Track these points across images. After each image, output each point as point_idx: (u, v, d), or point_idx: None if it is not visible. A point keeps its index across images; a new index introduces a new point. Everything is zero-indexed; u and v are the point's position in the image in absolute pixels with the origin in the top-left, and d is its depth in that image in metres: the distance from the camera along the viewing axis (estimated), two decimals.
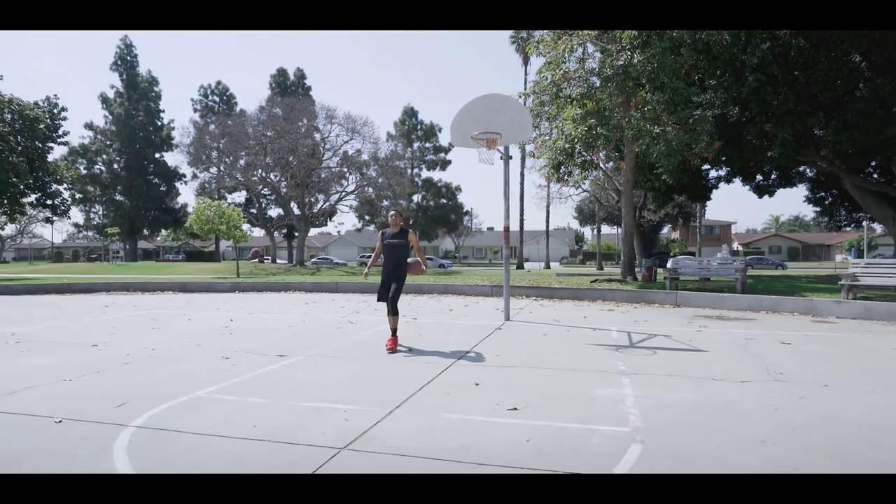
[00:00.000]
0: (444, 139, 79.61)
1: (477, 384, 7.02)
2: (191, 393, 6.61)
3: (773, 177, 30.23)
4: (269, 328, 12.19)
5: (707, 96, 21.91)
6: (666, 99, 19.11)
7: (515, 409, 5.96)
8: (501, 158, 13.63)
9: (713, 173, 30.99)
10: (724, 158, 25.90)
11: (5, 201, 38.37)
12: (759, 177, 30.12)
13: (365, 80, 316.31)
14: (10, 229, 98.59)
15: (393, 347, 9.27)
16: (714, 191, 32.11)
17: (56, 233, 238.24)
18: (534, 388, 6.81)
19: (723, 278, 19.70)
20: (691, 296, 16.82)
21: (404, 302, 17.59)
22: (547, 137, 23.26)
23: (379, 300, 9.75)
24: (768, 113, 21.21)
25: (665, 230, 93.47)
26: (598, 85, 20.58)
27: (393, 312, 9.60)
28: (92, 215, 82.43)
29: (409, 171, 74.79)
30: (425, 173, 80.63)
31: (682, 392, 6.66)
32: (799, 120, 21.41)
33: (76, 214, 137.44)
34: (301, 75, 75.04)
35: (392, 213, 9.73)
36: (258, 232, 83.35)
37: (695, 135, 19.35)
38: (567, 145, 21.50)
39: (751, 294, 17.11)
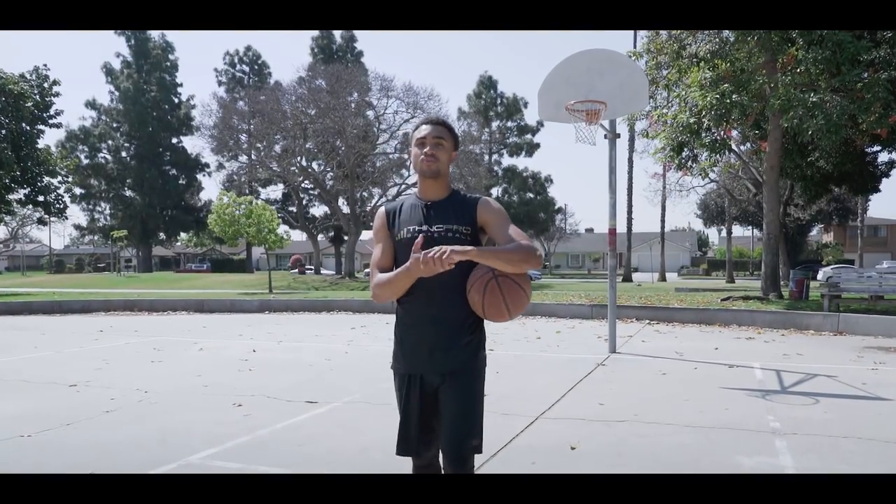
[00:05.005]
0: (530, 116, 79.20)
1: (573, 448, 6.53)
2: (181, 458, 6.28)
3: None
4: (301, 362, 12.02)
5: (881, 52, 20.83)
6: (825, 57, 18.27)
7: None
8: (606, 137, 13.10)
9: (884, 156, 29.79)
10: None
11: None
12: None
13: (429, 41, 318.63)
14: None
15: None
16: (884, 179, 30.97)
17: (56, 237, 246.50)
18: (652, 456, 6.28)
19: None
20: (858, 319, 16.27)
21: None
22: (665, 111, 22.63)
23: (404, 451, 3.81)
24: None
25: (814, 231, 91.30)
26: (733, 39, 19.89)
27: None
28: (96, 215, 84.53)
29: (486, 157, 74.63)
30: (507, 160, 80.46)
31: (866, 465, 6.04)
32: None
33: (77, 214, 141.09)
34: (350, 38, 75.64)
35: (425, 128, 3.86)
36: (298, 235, 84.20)
37: (863, 104, 18.48)
38: (692, 120, 20.80)
39: None
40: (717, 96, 19.44)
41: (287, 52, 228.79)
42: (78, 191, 77.02)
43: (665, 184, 55.96)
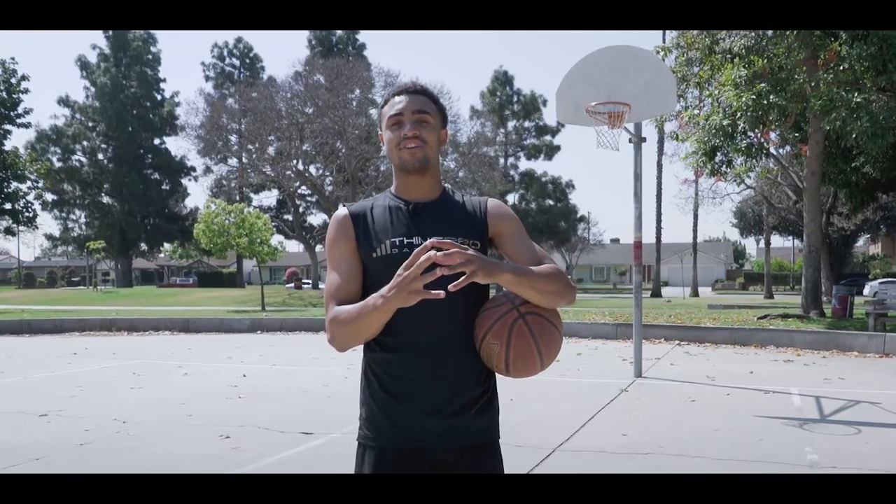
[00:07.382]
0: (549, 116, 79.00)
1: None
2: None
3: None
4: (296, 388, 11.98)
5: None
6: (871, 53, 18.27)
7: None
8: (631, 141, 13.12)
9: None
10: None
11: None
12: None
13: (438, 33, 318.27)
14: None
15: None
16: None
17: (26, 248, 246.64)
18: None
19: None
20: None
21: None
22: (696, 111, 22.59)
23: None
24: None
25: (860, 242, 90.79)
26: (770, 34, 19.86)
27: None
28: (70, 224, 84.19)
29: (501, 160, 74.51)
30: (524, 163, 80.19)
31: None
32: None
33: (49, 223, 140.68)
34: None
35: (400, 100, 2.83)
36: (294, 246, 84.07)
37: None
38: (726, 121, 20.75)
39: None
40: (753, 96, 19.39)
41: (282, 45, 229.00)
42: (50, 197, 76.45)
43: (697, 190, 55.75)
